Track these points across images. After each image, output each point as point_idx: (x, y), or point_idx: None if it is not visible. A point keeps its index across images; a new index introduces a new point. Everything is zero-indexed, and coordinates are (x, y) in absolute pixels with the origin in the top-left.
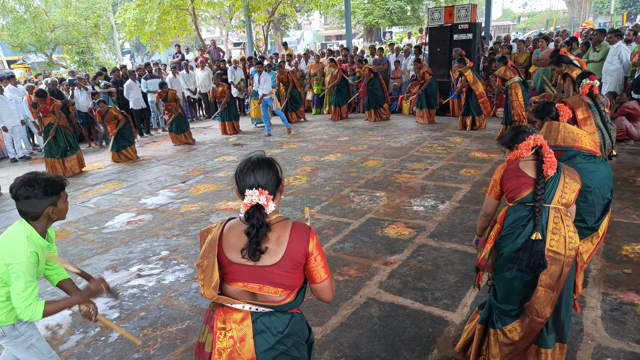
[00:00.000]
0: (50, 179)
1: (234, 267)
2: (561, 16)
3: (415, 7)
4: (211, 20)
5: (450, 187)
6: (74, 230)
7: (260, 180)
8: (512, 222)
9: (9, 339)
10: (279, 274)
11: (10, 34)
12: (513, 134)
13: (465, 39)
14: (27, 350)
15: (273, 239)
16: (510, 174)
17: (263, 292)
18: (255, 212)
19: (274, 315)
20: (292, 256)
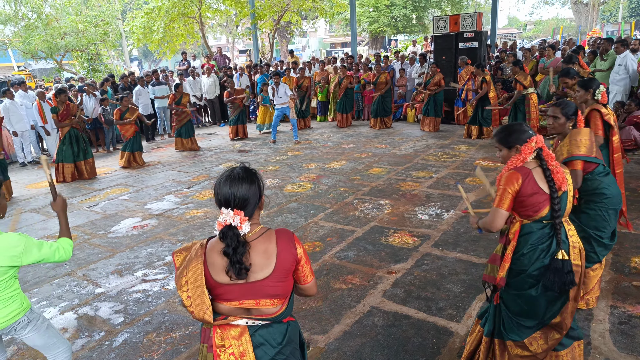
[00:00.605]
0: None
1: (226, 288)
2: (568, 24)
3: (421, 15)
4: (218, 28)
5: (456, 196)
6: (81, 234)
7: (236, 197)
8: (535, 239)
9: (33, 324)
10: (273, 285)
11: (21, 40)
12: (512, 130)
13: (471, 47)
14: (47, 332)
15: (260, 252)
16: (528, 189)
17: (260, 307)
18: (229, 232)
19: (271, 327)
20: (283, 266)
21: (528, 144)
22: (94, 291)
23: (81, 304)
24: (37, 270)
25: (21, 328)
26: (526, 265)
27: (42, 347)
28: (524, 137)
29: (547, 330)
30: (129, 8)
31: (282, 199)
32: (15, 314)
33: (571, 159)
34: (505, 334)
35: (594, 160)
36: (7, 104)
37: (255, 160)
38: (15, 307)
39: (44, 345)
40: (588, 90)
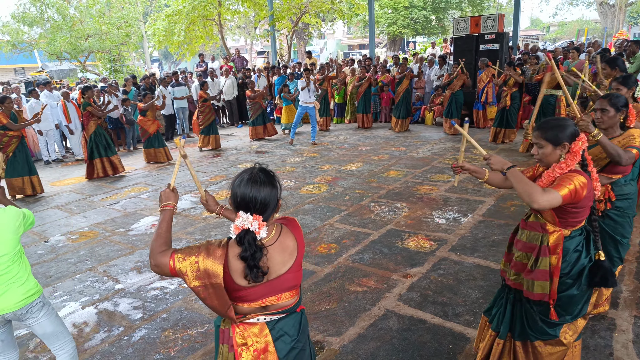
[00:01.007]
0: None
1: (248, 291)
2: (593, 26)
3: (440, 16)
4: (236, 30)
5: (474, 200)
6: (102, 231)
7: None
8: (574, 247)
9: (46, 308)
10: (292, 277)
11: (47, 42)
12: (565, 125)
13: (492, 49)
14: (56, 319)
15: (280, 251)
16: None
17: (280, 301)
18: (247, 237)
19: (288, 318)
20: (301, 257)
21: (577, 142)
22: (114, 287)
23: (101, 299)
24: (60, 266)
25: (37, 310)
26: (565, 269)
27: (52, 335)
28: (572, 132)
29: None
30: (151, 10)
31: (298, 201)
32: (33, 292)
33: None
34: (532, 335)
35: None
36: (32, 103)
37: (272, 161)
38: (32, 285)
39: (53, 332)
40: (631, 88)
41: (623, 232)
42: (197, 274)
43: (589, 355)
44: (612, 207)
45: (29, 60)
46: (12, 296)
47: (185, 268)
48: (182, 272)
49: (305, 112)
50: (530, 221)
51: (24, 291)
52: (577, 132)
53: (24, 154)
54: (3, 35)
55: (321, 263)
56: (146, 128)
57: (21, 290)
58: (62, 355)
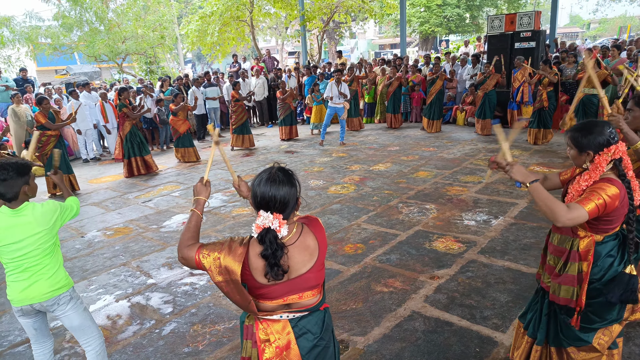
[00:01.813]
0: (17, 163)
1: (270, 289)
2: (636, 23)
3: (475, 14)
4: (268, 30)
5: (505, 202)
6: (136, 227)
7: (277, 200)
8: (607, 252)
9: (73, 302)
10: (314, 277)
11: (86, 45)
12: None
13: (528, 47)
14: (84, 313)
15: (302, 250)
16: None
17: (302, 300)
18: (268, 235)
19: (310, 316)
20: (323, 256)
21: (604, 154)
22: (146, 282)
23: (134, 293)
24: (96, 260)
25: (64, 303)
26: (596, 274)
27: (78, 329)
28: (601, 141)
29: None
30: (185, 13)
31: (326, 200)
32: (61, 285)
33: None
34: (565, 341)
35: None
36: (72, 103)
37: (301, 161)
38: (61, 278)
39: (80, 325)
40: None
41: None
42: (219, 270)
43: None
44: None
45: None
46: (40, 287)
47: (209, 264)
48: (206, 267)
49: (334, 113)
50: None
51: (52, 283)
52: (606, 143)
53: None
54: (45, 39)
55: (347, 263)
56: (177, 128)
57: (49, 282)
58: (89, 350)
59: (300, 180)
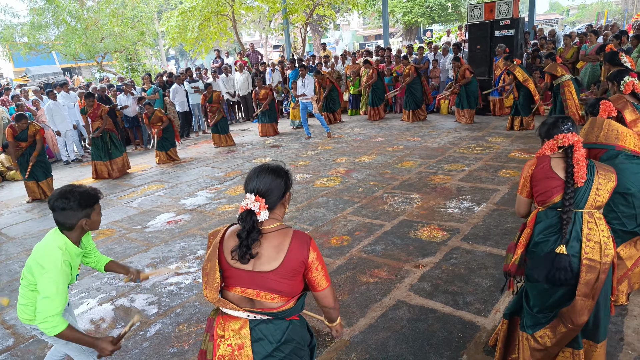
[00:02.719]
0: (85, 192)
1: (233, 272)
2: (613, 8)
3: (457, 3)
4: (251, 24)
5: (487, 189)
6: (119, 229)
7: (260, 186)
8: (544, 228)
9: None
10: (276, 280)
11: (63, 44)
12: (547, 125)
13: (507, 35)
14: (65, 347)
15: (273, 245)
16: (540, 174)
17: (260, 299)
18: (248, 217)
19: (272, 323)
20: (291, 264)
21: (552, 140)
22: (130, 283)
23: (118, 296)
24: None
25: (38, 333)
26: (539, 256)
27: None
28: (552, 132)
29: (555, 323)
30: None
31: (312, 194)
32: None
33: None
34: (526, 327)
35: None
36: (50, 104)
37: (287, 155)
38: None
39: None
40: (613, 82)
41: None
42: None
43: None
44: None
45: (47, 62)
46: (24, 312)
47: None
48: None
49: (305, 108)
50: None
51: (29, 312)
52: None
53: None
54: (21, 38)
55: (333, 255)
56: (152, 133)
57: (26, 311)
58: None
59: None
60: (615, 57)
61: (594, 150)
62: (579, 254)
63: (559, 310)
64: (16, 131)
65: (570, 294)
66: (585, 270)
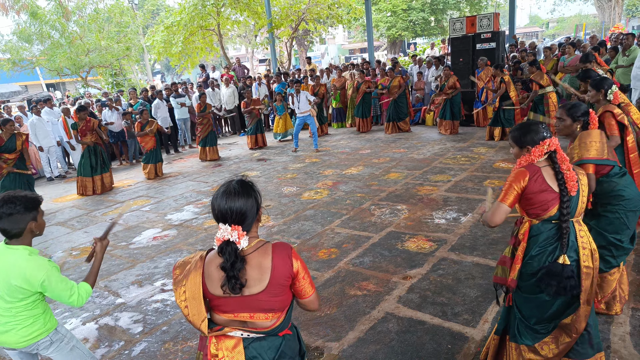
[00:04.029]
0: (27, 196)
1: (221, 301)
2: (591, 21)
3: (439, 17)
4: (237, 39)
5: (473, 199)
6: None
7: (233, 213)
8: (542, 240)
9: (55, 345)
10: (267, 300)
11: (47, 58)
12: (527, 130)
13: (489, 48)
14: (71, 353)
15: (255, 267)
16: (535, 187)
17: (254, 320)
18: (228, 248)
19: (265, 340)
20: (278, 281)
21: (539, 146)
22: (115, 301)
23: (102, 315)
24: None
25: (44, 348)
26: (536, 268)
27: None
28: (537, 138)
29: (557, 334)
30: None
31: (299, 207)
32: (36, 335)
33: (581, 162)
34: (519, 338)
35: (606, 162)
36: (34, 120)
37: (274, 168)
38: (37, 328)
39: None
40: (600, 91)
41: (616, 230)
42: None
43: None
44: (601, 205)
45: (31, 77)
46: (13, 336)
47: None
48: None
49: (304, 122)
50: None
51: (25, 334)
52: (542, 138)
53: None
54: (4, 54)
55: (321, 268)
56: (144, 144)
57: (22, 332)
58: None
59: (274, 187)
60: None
61: (600, 166)
62: (578, 262)
63: (559, 321)
64: (3, 140)
65: (567, 303)
66: (584, 277)
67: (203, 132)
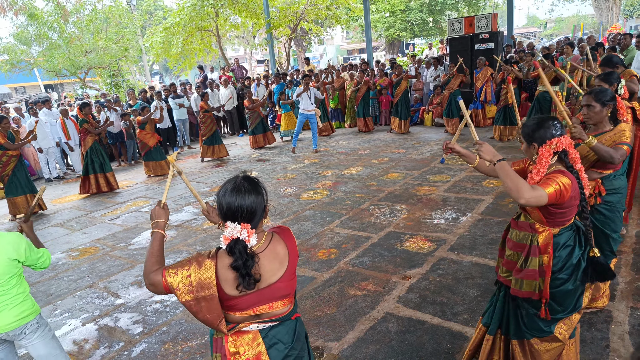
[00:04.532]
0: None
1: (239, 300)
2: (589, 21)
3: (437, 18)
4: (235, 40)
5: (472, 199)
6: (102, 247)
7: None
8: (563, 242)
9: (41, 330)
10: (284, 286)
11: (45, 59)
12: (538, 126)
13: (487, 48)
14: (52, 341)
15: (271, 259)
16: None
17: (272, 310)
18: (237, 246)
19: (281, 325)
20: (293, 266)
21: (546, 145)
22: (114, 302)
23: (102, 315)
24: (61, 283)
25: (31, 332)
26: (556, 265)
27: (45, 358)
28: (543, 135)
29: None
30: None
31: (299, 207)
32: (27, 314)
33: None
34: (528, 333)
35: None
36: (32, 121)
37: (273, 168)
38: (27, 307)
39: (47, 355)
40: (612, 85)
41: (613, 227)
42: (190, 288)
43: (586, 348)
44: (602, 201)
45: (29, 79)
46: (5, 317)
47: (177, 282)
48: (174, 287)
49: (306, 120)
50: (521, 221)
51: (17, 313)
52: (550, 135)
53: (23, 172)
54: (1, 55)
55: (321, 269)
56: (145, 141)
57: (14, 312)
58: None
59: (273, 187)
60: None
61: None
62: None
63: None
64: (4, 134)
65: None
66: None
67: (208, 130)
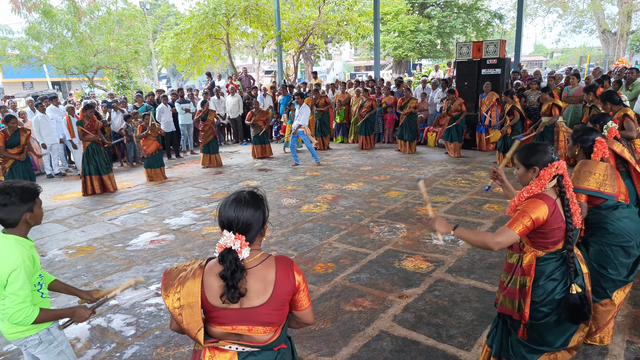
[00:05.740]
0: (25, 187)
1: (220, 312)
2: (595, 53)
3: (445, 41)
4: (244, 49)
5: (472, 222)
6: (100, 246)
7: (239, 222)
8: (549, 271)
9: (44, 346)
10: (267, 313)
11: (56, 57)
12: (535, 150)
13: (494, 74)
14: (57, 357)
15: (259, 279)
16: (554, 222)
17: (252, 333)
18: (228, 256)
19: (261, 354)
20: (281, 295)
21: (548, 168)
22: (108, 303)
23: (95, 316)
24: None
25: (31, 346)
26: (540, 296)
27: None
28: (545, 159)
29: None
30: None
31: (298, 219)
32: (23, 329)
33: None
34: (512, 357)
35: (598, 195)
36: (38, 117)
37: (274, 179)
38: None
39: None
40: (595, 125)
41: (600, 262)
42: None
43: None
44: (590, 234)
45: (38, 74)
46: (3, 326)
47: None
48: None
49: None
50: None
51: (8, 325)
52: (550, 159)
53: (21, 167)
54: (13, 50)
55: (318, 282)
56: (145, 148)
57: (5, 324)
58: None
59: (274, 198)
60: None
61: (592, 197)
62: (584, 287)
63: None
64: (7, 135)
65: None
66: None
67: (205, 138)
